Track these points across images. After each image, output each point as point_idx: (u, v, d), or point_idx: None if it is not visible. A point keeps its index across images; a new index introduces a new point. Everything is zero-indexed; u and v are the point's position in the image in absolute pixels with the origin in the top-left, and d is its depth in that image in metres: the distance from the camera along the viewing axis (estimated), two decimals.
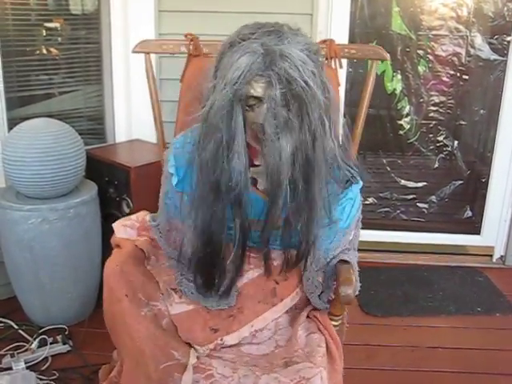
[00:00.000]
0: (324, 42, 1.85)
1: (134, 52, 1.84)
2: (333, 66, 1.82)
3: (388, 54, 1.81)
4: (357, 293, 1.45)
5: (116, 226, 1.64)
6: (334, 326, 1.44)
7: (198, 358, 1.30)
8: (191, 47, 1.83)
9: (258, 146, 1.27)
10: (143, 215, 1.66)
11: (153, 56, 1.96)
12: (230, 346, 1.36)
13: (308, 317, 1.45)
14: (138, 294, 1.37)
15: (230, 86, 1.18)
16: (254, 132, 1.25)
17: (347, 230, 1.45)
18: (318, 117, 1.22)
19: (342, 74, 2.35)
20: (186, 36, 1.85)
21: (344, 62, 1.86)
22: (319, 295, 1.45)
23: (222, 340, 1.35)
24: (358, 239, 1.53)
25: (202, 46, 1.85)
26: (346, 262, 1.43)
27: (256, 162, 1.31)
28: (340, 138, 1.40)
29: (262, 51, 1.17)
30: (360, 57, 1.93)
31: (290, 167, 1.22)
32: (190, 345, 1.33)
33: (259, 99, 1.21)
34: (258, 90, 1.19)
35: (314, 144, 1.23)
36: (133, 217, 1.68)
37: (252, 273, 1.43)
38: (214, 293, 1.39)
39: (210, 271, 1.37)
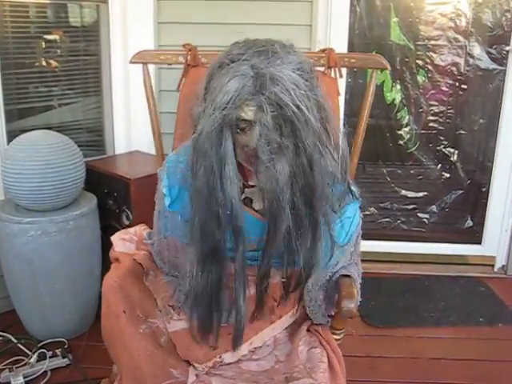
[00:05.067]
0: (323, 51, 1.85)
1: (131, 62, 1.83)
2: (332, 76, 1.81)
3: (388, 63, 1.80)
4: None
5: (114, 239, 1.63)
6: (336, 339, 1.43)
7: (196, 375, 1.28)
8: (189, 57, 1.82)
9: (251, 167, 1.23)
10: (141, 230, 1.65)
11: (152, 68, 1.95)
12: (229, 364, 1.34)
13: (308, 330, 1.43)
14: (136, 311, 1.36)
15: (219, 111, 1.13)
16: (247, 154, 1.21)
17: (346, 247, 1.42)
18: (312, 142, 1.17)
19: (342, 85, 2.35)
20: (184, 46, 1.84)
21: (343, 72, 1.85)
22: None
23: (220, 358, 1.33)
24: (359, 254, 1.50)
25: (200, 56, 1.84)
26: (347, 276, 1.41)
27: (250, 183, 1.29)
28: (340, 150, 1.35)
29: (252, 74, 1.13)
30: (360, 66, 1.93)
31: (290, 192, 1.17)
32: (188, 362, 1.31)
33: (250, 122, 1.16)
34: (248, 113, 1.15)
35: (311, 168, 1.18)
36: (131, 230, 1.67)
37: (250, 290, 1.39)
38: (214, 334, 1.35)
39: (210, 304, 1.32)
